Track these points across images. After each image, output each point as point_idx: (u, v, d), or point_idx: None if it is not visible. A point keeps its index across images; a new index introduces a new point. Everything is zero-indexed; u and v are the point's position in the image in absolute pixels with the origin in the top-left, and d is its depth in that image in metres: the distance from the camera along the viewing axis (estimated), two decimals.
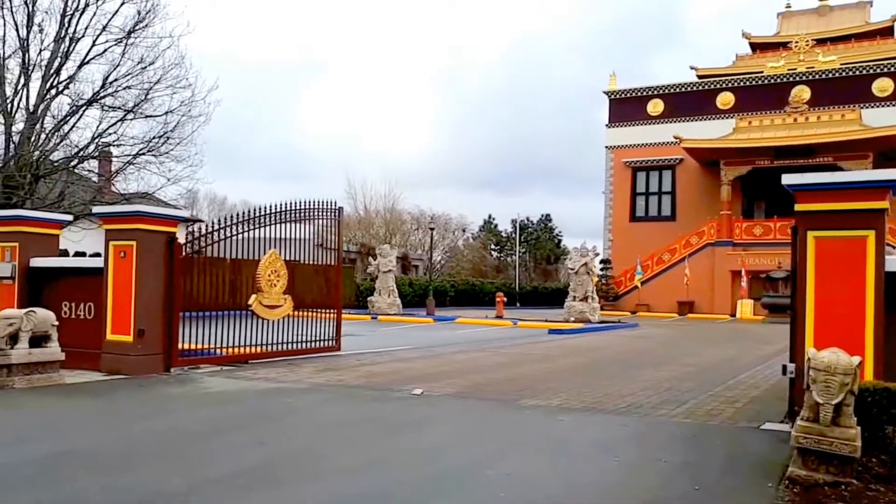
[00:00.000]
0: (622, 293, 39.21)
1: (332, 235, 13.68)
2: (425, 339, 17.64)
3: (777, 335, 21.56)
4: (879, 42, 43.47)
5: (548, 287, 51.05)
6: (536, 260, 64.54)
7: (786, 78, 40.17)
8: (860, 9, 48.09)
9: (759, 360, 13.66)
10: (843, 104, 37.62)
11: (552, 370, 11.35)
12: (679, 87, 42.92)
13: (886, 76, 38.16)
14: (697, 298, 37.39)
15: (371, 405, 7.89)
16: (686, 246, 38.72)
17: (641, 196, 43.08)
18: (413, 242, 56.74)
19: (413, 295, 35.97)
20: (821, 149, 35.81)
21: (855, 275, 6.19)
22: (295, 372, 10.65)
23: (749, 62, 45.44)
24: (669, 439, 6.39)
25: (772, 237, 37.05)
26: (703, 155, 39.00)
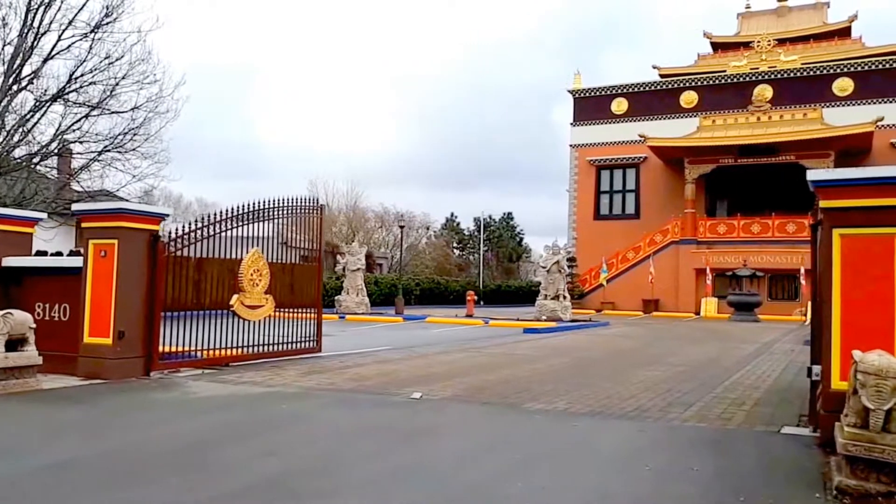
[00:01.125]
0: (587, 291, 39.35)
1: (314, 233, 13.26)
2: (401, 339, 17.29)
3: (749, 334, 21.79)
4: (838, 42, 44.40)
5: (511, 285, 51.04)
6: (499, 258, 64.55)
7: (748, 77, 40.77)
8: (818, 10, 49.07)
9: (744, 360, 13.66)
10: (805, 103, 38.29)
11: (543, 371, 11.13)
12: (643, 87, 43.25)
13: (846, 76, 38.97)
14: (662, 296, 37.72)
15: (373, 411, 7.55)
16: (650, 244, 39.02)
17: (606, 194, 43.32)
18: (376, 240, 56.27)
19: (379, 294, 35.55)
20: (784, 147, 36.39)
21: (883, 272, 6.05)
22: (280, 375, 10.24)
23: (711, 61, 46.01)
24: (693, 445, 6.20)
25: (735, 235, 37.57)
26: (668, 153, 39.36)
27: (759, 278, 34.39)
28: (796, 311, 34.58)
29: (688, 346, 16.41)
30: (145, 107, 19.82)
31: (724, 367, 12.43)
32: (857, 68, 38.89)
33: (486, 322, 24.00)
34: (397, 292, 32.65)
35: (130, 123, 19.74)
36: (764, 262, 35.51)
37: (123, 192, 21.44)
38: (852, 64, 39.20)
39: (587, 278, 39.75)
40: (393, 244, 58.04)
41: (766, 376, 11.17)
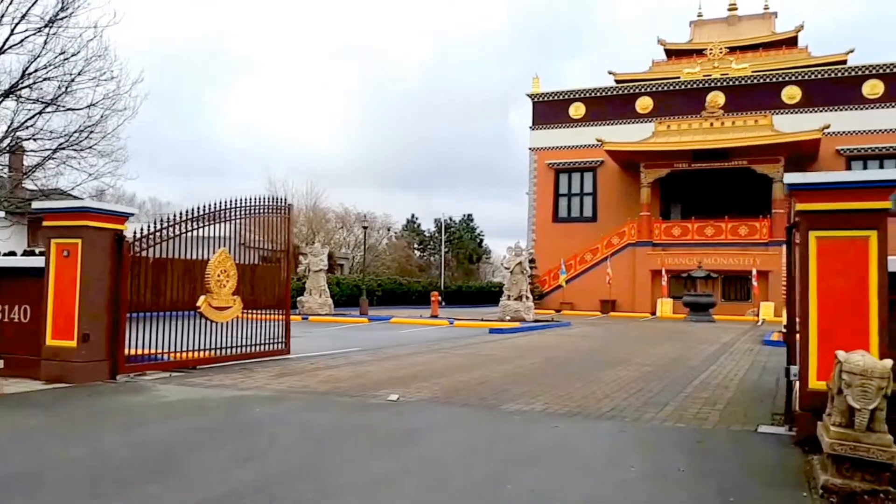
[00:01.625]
0: (547, 292, 39.52)
1: (281, 233, 13.00)
2: (369, 340, 17.09)
3: (707, 333, 22.06)
4: (785, 52, 45.34)
5: (472, 286, 50.99)
6: (459, 259, 64.52)
7: (702, 84, 41.44)
8: (766, 19, 50.05)
9: (708, 360, 13.78)
10: (756, 110, 39.06)
11: (515, 372, 11.06)
12: (600, 92, 43.67)
13: (794, 84, 39.89)
14: (619, 297, 38.08)
15: (351, 414, 7.38)
16: (608, 246, 39.36)
17: (564, 197, 43.62)
18: (337, 241, 55.77)
19: (341, 295, 35.14)
20: (736, 152, 37.05)
21: (858, 275, 6.10)
22: (251, 378, 9.98)
23: (665, 68, 46.60)
24: (675, 446, 6.17)
25: (690, 238, 38.10)
26: (624, 158, 39.77)
27: (713, 279, 34.93)
28: (748, 311, 35.28)
29: (651, 346, 16.52)
30: (102, 104, 19.31)
31: (690, 366, 12.52)
32: (804, 77, 39.85)
33: (451, 322, 23.89)
34: (361, 293, 32.32)
35: (87, 121, 19.20)
36: (717, 263, 36.09)
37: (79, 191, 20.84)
38: (799, 73, 40.14)
39: (546, 279, 39.94)
40: (354, 245, 57.60)
41: (733, 376, 11.27)
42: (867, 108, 38.12)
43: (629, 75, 46.17)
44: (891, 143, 37.50)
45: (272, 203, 12.80)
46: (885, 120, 37.72)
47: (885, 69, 38.07)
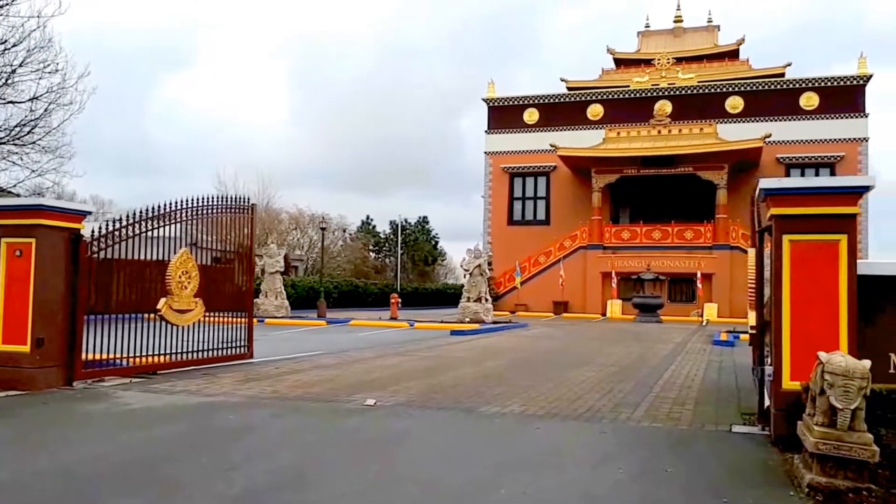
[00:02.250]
0: (502, 294, 39.63)
1: (245, 233, 12.66)
2: (331, 343, 16.81)
3: (659, 334, 22.33)
4: (728, 63, 46.43)
5: (428, 288, 50.86)
6: (414, 261, 64.34)
7: (650, 93, 42.14)
8: (710, 32, 51.23)
9: (667, 360, 13.91)
10: (702, 118, 39.89)
11: (485, 374, 10.96)
12: (553, 98, 44.05)
13: (737, 94, 40.87)
14: (571, 299, 38.44)
15: (330, 420, 7.17)
16: (560, 249, 39.72)
17: (519, 201, 43.87)
18: (291, 242, 54.98)
19: (296, 297, 34.62)
20: (682, 159, 37.78)
21: (829, 277, 6.18)
22: (216, 383, 9.66)
23: (615, 76, 47.27)
24: (657, 446, 6.15)
25: (638, 241, 38.68)
26: (576, 163, 40.17)
27: (661, 282, 35.52)
28: (693, 312, 35.97)
29: (609, 347, 16.62)
30: (46, 97, 18.50)
31: (651, 366, 12.61)
32: (747, 88, 40.86)
33: (411, 325, 23.70)
34: (318, 295, 31.86)
35: (29, 115, 18.39)
36: (665, 266, 36.71)
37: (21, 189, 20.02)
38: (742, 84, 41.16)
39: (502, 281, 40.05)
40: (308, 246, 56.89)
41: (694, 376, 11.37)
42: (804, 119, 39.30)
43: (580, 83, 46.69)
44: (825, 152, 38.72)
45: (235, 202, 12.47)
46: (820, 130, 38.97)
47: (819, 83, 39.33)
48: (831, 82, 39.02)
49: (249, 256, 12.80)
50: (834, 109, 38.70)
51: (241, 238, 12.63)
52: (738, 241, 37.07)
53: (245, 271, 12.81)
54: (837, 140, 38.49)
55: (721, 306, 35.85)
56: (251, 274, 12.94)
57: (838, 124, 38.54)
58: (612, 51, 50.85)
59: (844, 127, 38.45)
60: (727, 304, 35.94)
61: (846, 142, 38.37)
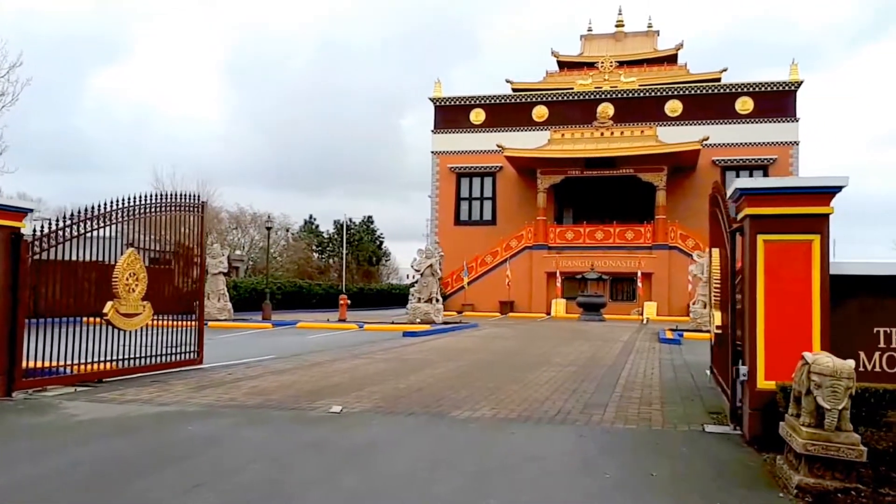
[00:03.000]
0: (449, 294, 39.50)
1: (195, 232, 12.16)
2: (281, 346, 16.35)
3: (606, 332, 22.53)
4: (667, 68, 47.37)
5: (373, 288, 50.38)
6: (359, 261, 63.61)
7: (593, 95, 42.62)
8: (649, 37, 52.17)
9: (620, 359, 13.98)
10: (642, 121, 40.59)
11: (447, 376, 10.76)
12: (499, 99, 44.14)
13: (676, 98, 41.69)
14: (517, 298, 38.61)
15: (296, 429, 6.84)
16: (507, 249, 39.85)
17: (465, 201, 43.84)
18: (231, 242, 53.65)
19: (239, 298, 33.75)
20: (624, 161, 38.35)
21: (802, 276, 6.19)
22: (168, 391, 9.20)
23: (559, 79, 47.69)
24: (636, 449, 6.05)
25: (582, 242, 39.10)
26: (522, 164, 40.35)
27: (604, 281, 35.97)
28: (633, 310, 36.54)
29: (563, 346, 16.62)
30: None
31: (607, 365, 12.62)
32: (686, 92, 41.73)
33: (360, 326, 23.31)
34: (263, 297, 31.12)
35: None
36: (607, 266, 37.20)
37: None
38: (681, 88, 42.01)
39: (449, 281, 39.92)
40: (249, 246, 55.70)
41: (651, 374, 11.40)
42: (740, 123, 40.34)
43: (525, 84, 46.96)
44: (759, 155, 39.83)
45: (184, 200, 11.95)
46: (754, 134, 40.07)
47: (754, 88, 40.42)
48: (765, 87, 40.16)
49: (201, 257, 12.31)
50: (767, 114, 39.86)
51: (191, 238, 12.13)
52: (677, 241, 37.88)
53: (195, 272, 12.31)
54: (770, 143, 39.65)
55: (660, 305, 36.52)
56: (202, 275, 12.45)
57: (771, 128, 39.70)
58: (556, 53, 51.29)
59: (777, 131, 39.63)
60: (666, 303, 36.64)
61: (779, 145, 39.55)
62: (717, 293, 8.11)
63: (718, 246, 8.27)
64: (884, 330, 6.13)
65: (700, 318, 22.77)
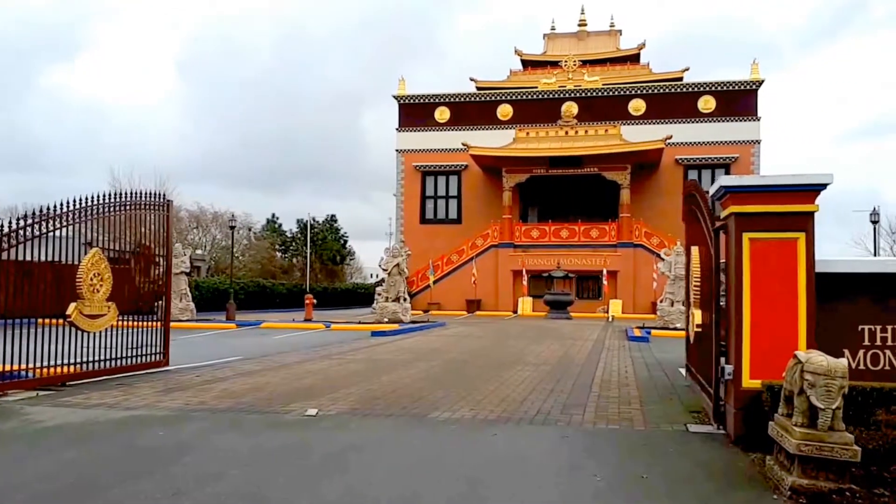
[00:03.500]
0: (415, 293, 39.27)
1: (160, 231, 11.81)
2: (247, 347, 16.01)
3: (575, 330, 22.56)
4: (629, 67, 47.74)
5: (338, 287, 49.91)
6: (323, 260, 62.95)
7: (557, 94, 42.75)
8: (612, 36, 52.60)
9: (593, 358, 13.95)
10: (606, 120, 40.85)
11: (421, 377, 10.58)
12: (463, 97, 44.01)
13: (639, 97, 42.02)
14: (484, 297, 38.57)
15: (273, 433, 6.60)
16: (472, 248, 39.78)
17: (431, 199, 43.63)
18: (192, 241, 52.66)
19: (201, 298, 33.12)
20: (588, 160, 38.53)
21: (788, 275, 6.16)
22: (136, 395, 8.87)
23: (522, 77, 47.75)
24: (623, 450, 5.95)
25: (547, 240, 39.20)
26: (487, 162, 40.30)
27: (570, 279, 36.11)
28: (599, 308, 36.75)
29: (534, 345, 16.56)
30: None
31: (580, 364, 12.57)
32: (649, 91, 42.09)
33: (327, 326, 22.98)
34: (224, 296, 30.58)
35: None
36: (573, 264, 37.35)
37: None
38: (644, 87, 42.37)
39: (414, 280, 39.67)
40: (211, 246, 54.74)
41: (625, 373, 11.37)
42: (702, 122, 40.82)
43: (489, 83, 46.90)
44: (721, 153, 40.35)
45: (150, 198, 11.59)
46: (716, 132, 40.56)
47: (716, 87, 40.92)
48: (727, 87, 40.69)
49: (167, 256, 11.95)
50: (729, 112, 40.39)
51: (156, 237, 11.78)
52: (642, 239, 38.21)
53: (160, 272, 11.95)
54: (733, 142, 40.19)
55: (625, 302, 36.79)
56: (169, 275, 12.09)
57: (733, 127, 40.25)
58: (520, 52, 51.36)
59: (739, 129, 40.19)
60: (631, 301, 36.93)
61: (740, 144, 40.11)
62: (697, 292, 8.07)
63: (698, 244, 8.23)
64: (868, 328, 6.14)
65: (667, 316, 22.94)
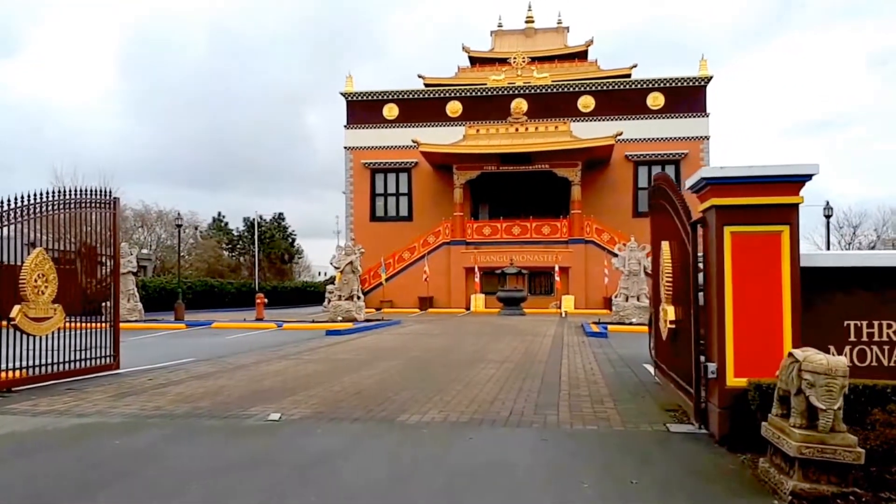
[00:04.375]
0: (367, 290, 38.66)
1: (107, 230, 11.14)
2: (199, 348, 15.35)
3: (531, 327, 22.40)
4: (577, 64, 47.94)
5: (287, 286, 48.89)
6: (271, 259, 61.60)
7: (507, 91, 42.63)
8: (559, 33, 52.74)
9: (555, 355, 13.74)
10: (556, 117, 40.91)
11: (383, 378, 10.17)
12: (412, 94, 43.55)
13: (589, 94, 42.19)
14: (436, 294, 38.23)
15: (236, 441, 6.14)
16: (424, 245, 39.39)
17: (381, 197, 43.06)
18: (138, 241, 50.89)
19: (148, 298, 32.03)
20: (539, 156, 38.48)
21: (771, 269, 5.99)
22: (87, 400, 8.28)
23: (471, 74, 47.51)
24: (606, 453, 5.69)
25: (499, 237, 39.05)
26: (438, 159, 39.94)
27: (523, 276, 36.05)
28: (552, 304, 36.81)
29: (493, 342, 16.29)
30: None
31: (544, 361, 12.34)
32: (598, 88, 42.29)
33: (279, 325, 22.30)
34: (173, 296, 29.57)
35: None
36: (525, 260, 37.29)
37: None
38: (592, 84, 42.55)
39: (366, 278, 39.06)
40: (157, 245, 53.08)
41: (590, 370, 11.18)
42: (652, 118, 41.19)
43: (438, 80, 46.54)
44: (671, 150, 40.82)
45: (95, 196, 10.93)
46: (666, 129, 40.96)
47: (665, 83, 41.34)
48: (675, 83, 41.10)
49: (115, 256, 11.28)
50: (678, 109, 40.82)
51: (103, 235, 11.12)
52: (593, 235, 38.38)
53: (108, 272, 11.28)
54: (682, 138, 40.63)
55: (577, 298, 36.90)
56: (117, 275, 11.41)
57: (682, 123, 40.71)
58: (467, 49, 51.12)
59: (688, 126, 40.67)
60: (583, 296, 37.06)
61: (690, 140, 40.59)
62: (670, 287, 7.88)
63: (669, 238, 8.05)
64: (854, 323, 6.00)
65: (623, 311, 22.98)
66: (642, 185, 41.14)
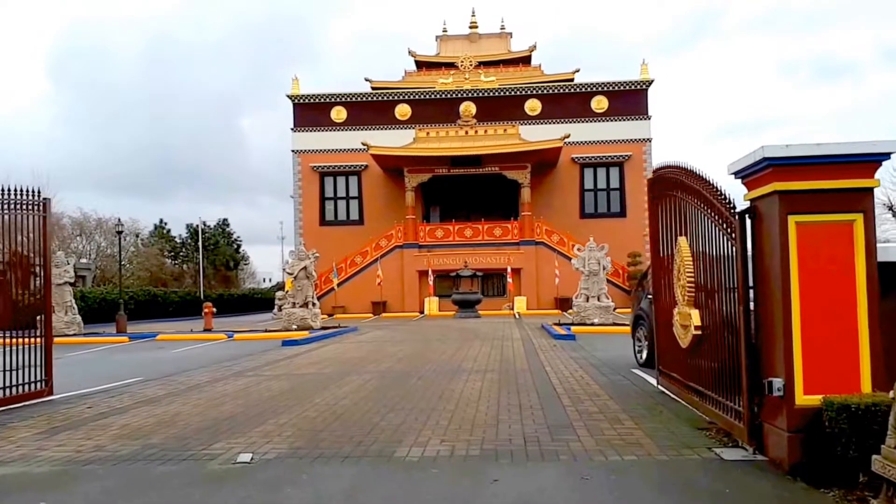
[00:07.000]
0: (319, 296, 36.88)
1: (35, 234, 9.49)
2: (146, 365, 13.70)
3: (492, 330, 21.32)
4: (522, 69, 47.21)
5: (234, 293, 46.73)
6: (216, 266, 58.95)
7: (455, 94, 41.61)
8: (503, 38, 51.94)
9: (531, 360, 12.67)
10: (505, 120, 40.08)
11: (360, 395, 8.82)
12: (360, 97, 42.12)
13: (535, 97, 41.52)
14: (389, 298, 36.91)
15: (198, 495, 4.73)
16: (376, 249, 38.03)
17: (331, 200, 41.45)
18: (76, 250, 47.82)
19: (87, 310, 29.74)
20: (489, 159, 37.60)
21: (844, 266, 4.96)
22: (8, 440, 6.71)
23: (418, 78, 46.31)
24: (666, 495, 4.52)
25: (452, 239, 38.00)
26: (389, 162, 38.65)
27: (477, 278, 35.01)
28: (505, 305, 35.94)
29: (462, 349, 15.05)
30: None
31: (527, 370, 11.19)
32: (543, 91, 41.65)
33: (230, 336, 20.59)
34: (114, 307, 27.43)
35: None
36: (478, 262, 36.26)
37: None
38: (538, 88, 41.90)
39: (318, 283, 37.37)
40: (96, 254, 50.03)
41: (581, 379, 10.05)
42: (596, 121, 40.76)
43: (385, 83, 45.15)
44: (615, 152, 40.44)
45: (21, 197, 9.28)
46: (610, 131, 40.60)
47: (608, 87, 40.97)
48: (618, 87, 40.77)
49: (45, 265, 9.63)
50: (621, 112, 40.48)
51: (32, 242, 9.47)
52: (543, 236, 37.67)
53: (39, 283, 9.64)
54: (625, 140, 40.30)
55: (529, 299, 36.14)
56: (48, 286, 9.77)
57: (626, 126, 40.37)
58: (413, 53, 49.89)
59: (631, 128, 40.35)
60: (535, 297, 36.32)
61: (633, 142, 40.28)
62: (692, 289, 6.81)
63: (689, 233, 6.99)
64: None
65: (584, 312, 22.15)
66: (588, 186, 40.86)
